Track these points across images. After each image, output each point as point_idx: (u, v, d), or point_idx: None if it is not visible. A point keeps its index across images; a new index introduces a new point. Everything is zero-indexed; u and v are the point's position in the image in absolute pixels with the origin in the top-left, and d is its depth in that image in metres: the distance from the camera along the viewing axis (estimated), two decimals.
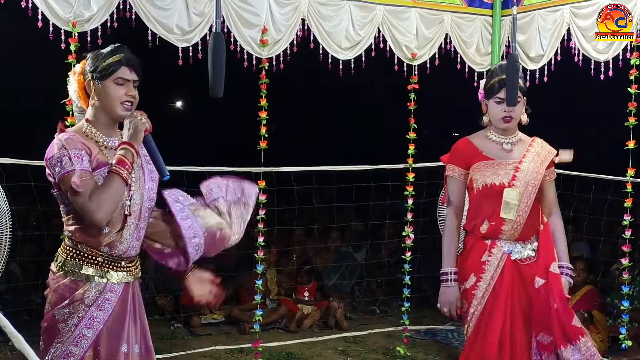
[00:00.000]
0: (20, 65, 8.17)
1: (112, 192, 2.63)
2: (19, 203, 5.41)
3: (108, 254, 2.75)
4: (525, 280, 3.49)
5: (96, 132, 2.76)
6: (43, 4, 4.34)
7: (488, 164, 3.55)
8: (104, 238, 2.72)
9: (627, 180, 4.99)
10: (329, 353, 5.79)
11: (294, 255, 7.24)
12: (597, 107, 9.75)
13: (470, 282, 3.53)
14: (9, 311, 5.52)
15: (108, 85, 2.73)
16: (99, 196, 2.60)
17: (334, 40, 5.21)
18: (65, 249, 2.78)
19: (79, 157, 2.64)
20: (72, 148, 2.64)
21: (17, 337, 2.31)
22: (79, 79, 2.80)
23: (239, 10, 4.91)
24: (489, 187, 3.53)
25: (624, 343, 5.02)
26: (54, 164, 2.65)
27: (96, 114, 2.77)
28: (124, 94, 2.74)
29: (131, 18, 4.63)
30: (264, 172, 5.16)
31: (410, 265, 5.73)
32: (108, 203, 2.62)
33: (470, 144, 3.63)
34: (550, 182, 3.63)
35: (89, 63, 2.77)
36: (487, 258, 3.51)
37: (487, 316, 3.48)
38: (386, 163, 5.94)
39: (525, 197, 3.49)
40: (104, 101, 2.74)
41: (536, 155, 3.57)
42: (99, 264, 2.74)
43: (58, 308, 2.72)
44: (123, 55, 2.76)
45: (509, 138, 3.59)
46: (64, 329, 2.71)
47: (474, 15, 5.71)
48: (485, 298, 3.49)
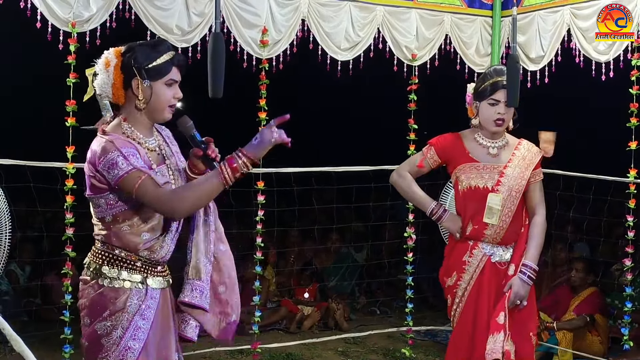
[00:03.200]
0: (20, 66, 8.15)
1: (205, 192, 2.45)
2: (18, 204, 5.40)
3: (147, 258, 2.60)
4: (503, 283, 3.53)
5: (136, 133, 2.59)
6: (42, 5, 4.32)
7: (473, 166, 3.58)
8: (144, 243, 2.57)
9: (629, 181, 4.97)
10: (329, 354, 5.79)
11: (292, 256, 7.23)
12: (597, 108, 9.73)
13: (452, 279, 3.63)
14: (8, 312, 5.52)
15: (159, 87, 2.58)
16: (188, 192, 2.45)
17: (334, 41, 5.20)
18: (99, 255, 2.60)
19: (134, 155, 2.47)
20: (123, 147, 2.47)
21: (16, 339, 2.30)
22: (118, 72, 2.56)
23: (239, 10, 4.90)
24: (474, 189, 3.57)
25: (626, 344, 5.00)
26: (108, 167, 2.45)
27: (137, 113, 2.60)
28: (172, 96, 2.62)
29: (130, 18, 4.62)
30: (263, 172, 5.15)
31: (412, 267, 5.72)
32: (193, 200, 2.45)
33: (461, 143, 3.64)
34: (535, 183, 3.62)
35: (134, 59, 2.55)
36: (468, 258, 3.59)
37: (467, 314, 3.57)
38: (386, 164, 5.93)
39: (509, 202, 3.52)
40: (153, 102, 2.58)
41: (521, 159, 3.58)
42: (138, 269, 2.58)
43: (99, 321, 2.53)
44: (174, 55, 2.62)
45: (496, 142, 3.61)
46: (107, 343, 2.52)
47: (474, 16, 5.70)
48: (465, 297, 3.58)
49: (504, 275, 3.54)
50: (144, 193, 2.45)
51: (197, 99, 3.23)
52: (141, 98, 2.57)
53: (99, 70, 2.60)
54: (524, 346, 3.52)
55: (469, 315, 3.56)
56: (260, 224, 5.14)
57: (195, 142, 2.63)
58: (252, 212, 5.20)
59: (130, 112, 2.61)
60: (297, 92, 10.54)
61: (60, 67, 4.44)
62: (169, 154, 2.72)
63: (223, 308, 2.75)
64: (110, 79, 2.56)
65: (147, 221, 2.58)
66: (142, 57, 2.56)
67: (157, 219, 2.60)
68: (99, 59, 2.63)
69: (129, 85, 2.57)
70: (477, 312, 3.54)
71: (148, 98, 2.57)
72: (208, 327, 2.75)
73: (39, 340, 5.51)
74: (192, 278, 2.68)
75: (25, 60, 8.23)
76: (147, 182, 2.45)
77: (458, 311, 3.61)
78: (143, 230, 2.58)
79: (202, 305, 2.69)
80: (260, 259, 5.26)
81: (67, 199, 4.54)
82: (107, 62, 2.58)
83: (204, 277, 2.68)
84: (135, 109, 2.59)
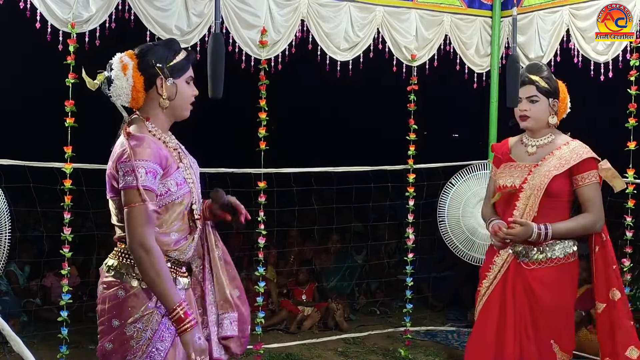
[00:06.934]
0: (19, 66, 8.16)
1: (157, 275, 2.46)
2: (18, 204, 5.40)
3: (176, 258, 2.61)
4: (526, 284, 3.47)
5: (161, 133, 2.61)
6: (42, 5, 4.32)
7: (507, 165, 3.58)
8: (173, 244, 2.58)
9: (628, 182, 4.97)
10: (328, 354, 5.78)
11: (291, 256, 7.23)
12: (596, 108, 9.73)
13: (482, 280, 3.63)
14: (8, 312, 5.52)
15: (181, 84, 2.62)
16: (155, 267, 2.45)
17: (333, 42, 5.20)
18: (125, 256, 2.58)
19: (154, 173, 2.47)
20: (149, 160, 2.47)
21: (16, 340, 2.29)
22: (137, 75, 2.56)
23: (238, 11, 4.90)
24: (502, 188, 3.56)
25: None
26: (126, 172, 2.46)
27: (160, 113, 2.62)
28: (192, 93, 2.67)
29: (130, 19, 4.62)
30: (264, 173, 5.15)
31: (412, 267, 5.72)
32: (149, 274, 2.46)
33: (505, 145, 3.68)
34: (583, 187, 3.44)
35: (155, 59, 2.57)
36: (496, 259, 3.57)
37: (486, 314, 3.54)
38: (386, 164, 5.94)
39: (531, 201, 3.44)
40: (177, 100, 2.61)
41: (558, 158, 3.46)
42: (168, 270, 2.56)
43: (130, 323, 2.50)
44: (190, 53, 2.68)
45: (536, 140, 3.56)
46: (137, 344, 2.50)
47: (474, 16, 5.71)
48: (486, 296, 3.56)
49: (527, 277, 3.46)
50: (130, 217, 2.46)
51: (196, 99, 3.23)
52: (165, 97, 2.58)
53: (115, 76, 2.56)
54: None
55: (491, 315, 3.51)
56: (261, 225, 5.15)
57: (228, 209, 2.73)
58: (252, 212, 5.19)
59: (153, 112, 2.61)
60: (297, 92, 10.55)
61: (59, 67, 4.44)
62: (183, 155, 2.74)
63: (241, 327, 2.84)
64: (129, 82, 2.56)
65: (174, 222, 2.58)
66: (161, 56, 2.58)
67: (182, 220, 2.60)
68: (112, 64, 2.59)
69: (151, 85, 2.58)
70: (502, 313, 3.48)
71: (173, 96, 2.59)
72: (234, 348, 2.82)
73: (39, 340, 5.52)
74: (225, 312, 2.77)
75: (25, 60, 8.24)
76: (142, 210, 2.45)
77: (478, 309, 3.61)
78: (172, 231, 2.59)
79: (234, 334, 2.80)
80: (261, 260, 5.26)
81: (65, 199, 4.53)
82: (125, 66, 2.55)
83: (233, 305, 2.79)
84: (158, 108, 2.60)
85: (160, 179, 2.52)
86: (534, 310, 3.45)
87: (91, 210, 5.78)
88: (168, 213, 2.57)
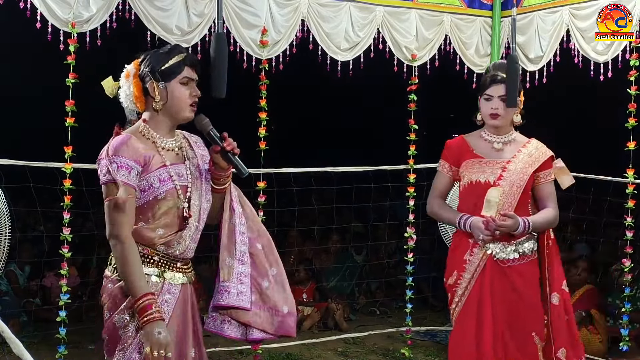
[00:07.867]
0: (19, 66, 8.15)
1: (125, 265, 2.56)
2: (18, 204, 5.40)
3: (164, 253, 2.68)
4: (505, 282, 3.49)
5: (153, 133, 2.69)
6: (42, 5, 4.32)
7: (476, 162, 3.57)
8: (158, 239, 2.66)
9: (628, 182, 4.98)
10: (328, 354, 5.79)
11: (291, 256, 7.23)
12: (596, 108, 9.74)
13: (452, 278, 3.62)
14: (7, 312, 5.52)
15: (174, 86, 2.68)
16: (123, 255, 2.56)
17: (333, 42, 5.20)
18: None
19: (127, 168, 2.58)
20: (123, 156, 2.58)
21: (15, 342, 2.29)
22: (136, 81, 2.70)
23: (239, 11, 4.90)
24: (474, 184, 3.55)
25: (625, 345, 5.00)
26: (102, 168, 2.61)
27: (157, 115, 2.70)
28: (190, 94, 2.71)
29: (130, 19, 4.62)
30: (263, 173, 5.15)
31: (412, 267, 5.72)
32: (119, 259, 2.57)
33: (464, 142, 3.66)
34: (545, 183, 3.57)
35: (147, 64, 2.69)
36: (468, 257, 3.55)
37: (466, 313, 3.54)
38: (385, 164, 5.94)
39: (510, 196, 3.48)
40: (171, 103, 2.68)
41: (527, 156, 3.55)
42: (155, 263, 2.66)
43: (117, 313, 2.60)
44: (186, 55, 2.72)
45: (501, 137, 3.59)
46: (124, 335, 2.59)
47: (474, 16, 5.71)
48: (465, 296, 3.56)
49: (507, 274, 3.49)
50: (106, 210, 2.58)
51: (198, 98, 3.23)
52: (157, 100, 2.67)
53: (122, 83, 2.75)
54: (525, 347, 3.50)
55: (470, 314, 3.53)
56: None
57: (213, 138, 2.74)
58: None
59: (151, 115, 2.73)
60: (297, 92, 10.54)
61: (59, 67, 4.44)
62: (192, 155, 2.80)
63: (271, 303, 2.83)
64: (131, 89, 2.72)
65: (160, 218, 2.66)
66: (155, 62, 2.69)
67: (170, 216, 2.67)
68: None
69: (147, 90, 2.69)
70: (480, 312, 3.49)
71: (165, 99, 2.68)
72: (261, 325, 2.81)
73: (39, 340, 5.52)
74: (223, 280, 2.77)
75: (25, 60, 8.24)
76: (115, 202, 2.56)
77: (457, 310, 3.59)
78: (158, 227, 2.66)
79: (234, 305, 2.75)
80: None
81: (65, 199, 4.53)
82: (127, 74, 2.74)
83: (234, 277, 2.76)
84: (156, 111, 2.70)
85: (141, 175, 2.62)
86: (518, 305, 3.49)
87: (91, 210, 5.79)
88: (153, 209, 2.65)
